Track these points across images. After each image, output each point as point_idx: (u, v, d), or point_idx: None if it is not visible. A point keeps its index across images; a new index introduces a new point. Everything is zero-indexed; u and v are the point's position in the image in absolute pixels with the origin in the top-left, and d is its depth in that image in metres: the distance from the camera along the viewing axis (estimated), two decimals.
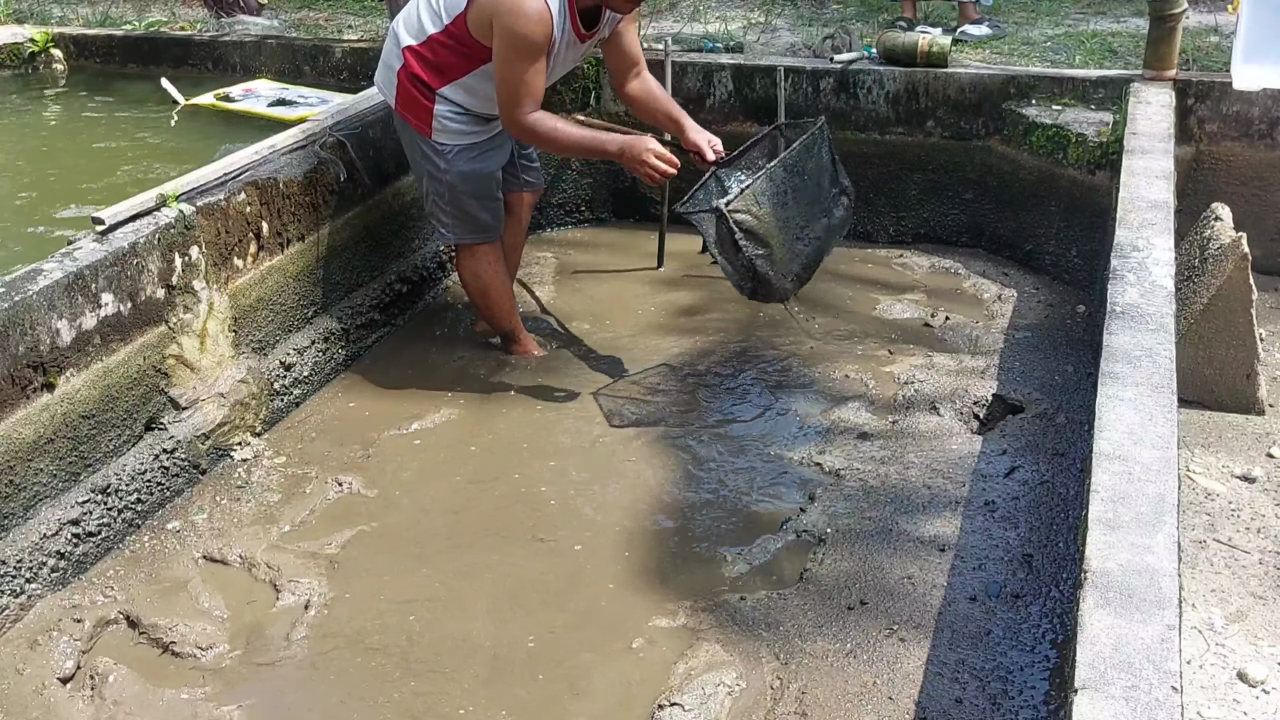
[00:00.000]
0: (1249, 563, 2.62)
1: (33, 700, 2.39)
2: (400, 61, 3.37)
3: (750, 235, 3.06)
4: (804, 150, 3.25)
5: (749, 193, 3.08)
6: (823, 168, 3.31)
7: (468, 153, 3.42)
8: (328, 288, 3.69)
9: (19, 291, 2.61)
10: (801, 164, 3.23)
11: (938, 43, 4.35)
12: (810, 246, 3.33)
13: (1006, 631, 2.51)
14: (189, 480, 3.10)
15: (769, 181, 3.14)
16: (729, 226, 3.05)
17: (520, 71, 3.13)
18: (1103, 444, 2.13)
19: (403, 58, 3.35)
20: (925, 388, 3.48)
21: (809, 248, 3.33)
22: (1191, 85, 4.05)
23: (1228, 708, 2.21)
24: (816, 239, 3.34)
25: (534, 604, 2.68)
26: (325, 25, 5.77)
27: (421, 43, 3.31)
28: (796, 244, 3.27)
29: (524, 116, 3.18)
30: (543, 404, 3.52)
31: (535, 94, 3.18)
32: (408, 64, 3.35)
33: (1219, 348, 3.22)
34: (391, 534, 2.94)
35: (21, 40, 5.53)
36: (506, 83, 3.16)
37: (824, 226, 3.34)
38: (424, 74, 3.33)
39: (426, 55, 3.31)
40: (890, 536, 2.84)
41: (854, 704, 2.33)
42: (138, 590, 2.74)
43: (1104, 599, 1.76)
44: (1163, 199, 3.17)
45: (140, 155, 4.20)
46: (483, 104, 3.36)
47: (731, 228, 3.04)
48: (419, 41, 3.32)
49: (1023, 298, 4.10)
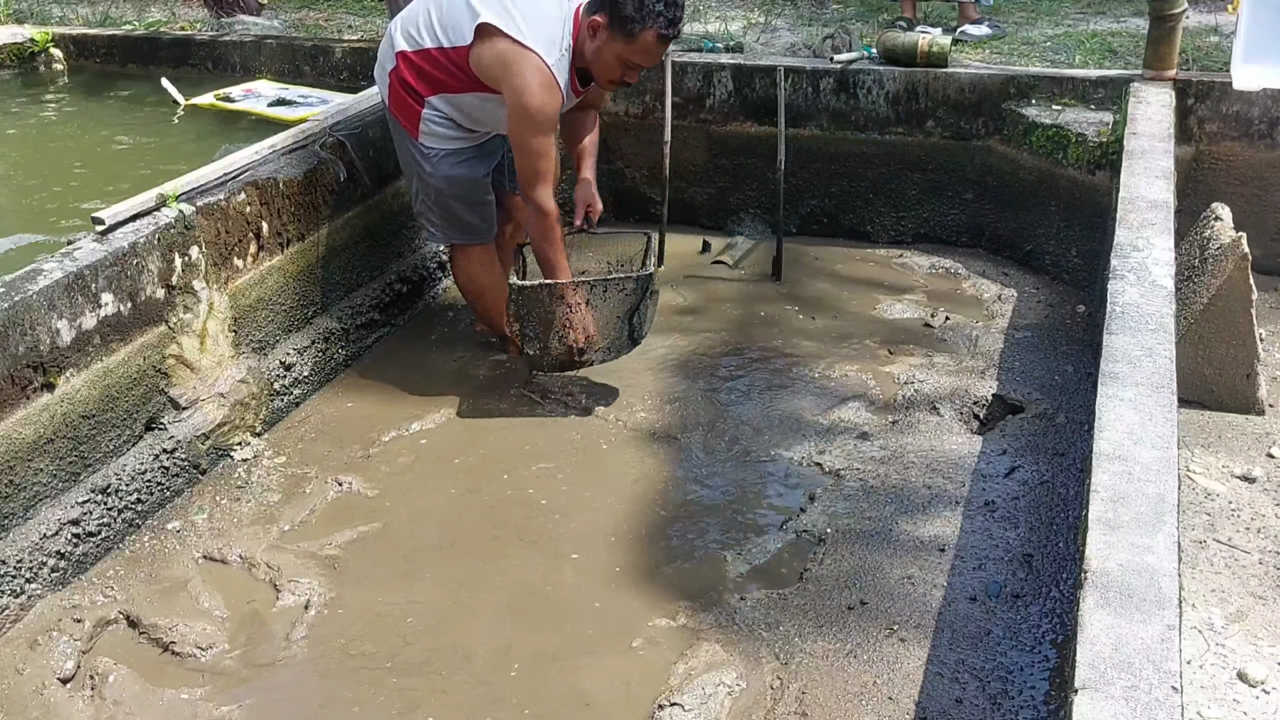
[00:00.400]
0: (1249, 563, 2.62)
1: (33, 700, 2.39)
2: (393, 64, 3.38)
3: (533, 314, 3.32)
4: (621, 285, 3.37)
5: (551, 289, 3.31)
6: (628, 308, 3.42)
7: (454, 157, 3.43)
8: (328, 288, 3.69)
9: (19, 291, 2.61)
10: (614, 292, 3.37)
11: (938, 43, 4.35)
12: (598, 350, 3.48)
13: (1006, 631, 2.51)
14: (189, 480, 3.10)
15: (572, 290, 3.32)
16: (517, 299, 3.31)
17: (540, 145, 3.21)
18: (1103, 444, 2.13)
19: (395, 61, 3.36)
20: (925, 388, 3.48)
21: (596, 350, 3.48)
22: (1191, 85, 4.05)
23: (1228, 708, 2.21)
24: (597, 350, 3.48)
25: (533, 604, 2.68)
26: (325, 25, 5.77)
27: (416, 51, 3.32)
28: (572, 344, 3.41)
29: (541, 198, 3.27)
30: (542, 403, 3.52)
31: (551, 166, 3.29)
32: (399, 68, 3.36)
33: (1219, 348, 3.22)
34: (391, 534, 2.94)
35: (21, 40, 5.54)
36: (525, 152, 3.23)
37: (601, 346, 3.47)
38: (414, 81, 3.34)
39: (420, 65, 3.32)
40: (890, 536, 2.84)
41: (854, 704, 2.33)
42: (138, 590, 2.74)
43: (1104, 599, 1.76)
44: (1163, 199, 3.17)
45: (140, 155, 4.21)
46: (469, 120, 3.39)
47: (518, 303, 3.31)
48: (414, 50, 3.32)
49: (1023, 298, 4.10)
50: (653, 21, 3.06)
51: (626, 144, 4.83)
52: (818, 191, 4.65)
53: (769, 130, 4.45)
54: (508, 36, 3.12)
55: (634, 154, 4.83)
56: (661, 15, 3.06)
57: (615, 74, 3.21)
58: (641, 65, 3.23)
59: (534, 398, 3.55)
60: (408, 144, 3.46)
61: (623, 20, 3.07)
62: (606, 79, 3.25)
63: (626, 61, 3.17)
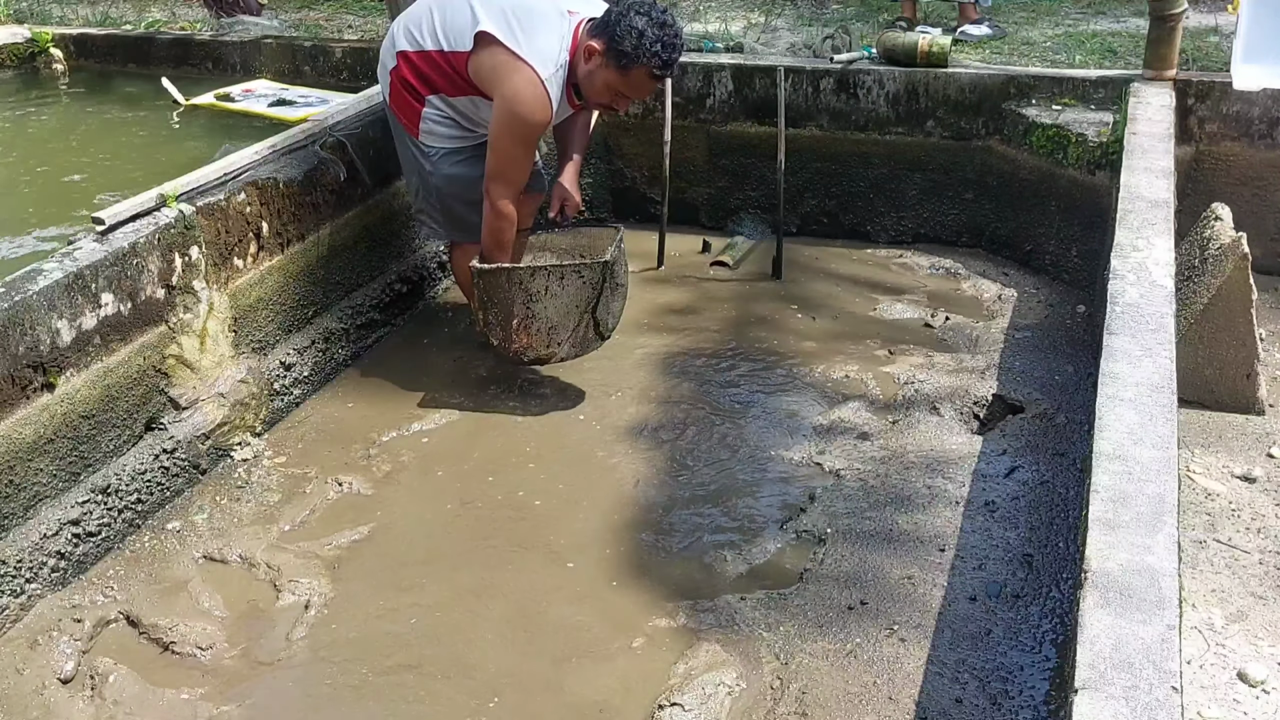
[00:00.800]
0: (1249, 563, 2.62)
1: (33, 700, 2.39)
2: (394, 63, 3.40)
3: (491, 301, 3.33)
4: (576, 273, 3.35)
5: (509, 274, 3.32)
6: (586, 299, 3.39)
7: (453, 156, 3.45)
8: (328, 288, 3.69)
9: (19, 291, 2.61)
10: (566, 281, 3.35)
11: (938, 43, 4.35)
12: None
13: (1006, 631, 2.51)
14: (189, 480, 3.10)
15: (528, 274, 3.32)
16: (480, 284, 3.31)
17: (516, 153, 3.26)
18: (1103, 444, 2.13)
19: (396, 60, 3.39)
20: (925, 388, 3.48)
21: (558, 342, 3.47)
22: (1191, 85, 4.05)
23: (1228, 708, 2.21)
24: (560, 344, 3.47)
25: (534, 603, 2.68)
26: (325, 25, 5.78)
27: (417, 52, 3.34)
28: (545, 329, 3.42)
29: (501, 198, 3.30)
30: (543, 404, 3.52)
31: (522, 178, 3.34)
32: (399, 67, 3.38)
33: (1219, 348, 3.22)
34: (392, 534, 2.94)
35: (21, 40, 5.54)
36: (498, 154, 3.28)
37: (564, 337, 3.45)
38: (414, 81, 3.37)
39: (420, 66, 3.34)
40: (890, 536, 2.84)
41: (854, 704, 2.33)
42: (138, 590, 2.74)
43: (1104, 599, 1.76)
44: (1163, 199, 3.17)
45: (140, 155, 4.20)
46: (467, 120, 3.42)
47: (480, 287, 3.31)
48: (415, 50, 3.34)
49: (1023, 298, 4.10)
50: (647, 60, 3.10)
51: (627, 144, 4.84)
52: (818, 191, 4.65)
53: (769, 130, 4.45)
54: (505, 47, 3.15)
55: (634, 154, 4.84)
56: (657, 56, 3.09)
57: (604, 99, 3.26)
58: (631, 97, 3.29)
59: (534, 398, 3.55)
60: (408, 142, 3.48)
61: (619, 54, 3.11)
62: (594, 102, 3.30)
63: (617, 91, 3.21)
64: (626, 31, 3.08)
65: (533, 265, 3.42)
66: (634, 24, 3.07)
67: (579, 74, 3.21)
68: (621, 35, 3.09)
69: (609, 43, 3.12)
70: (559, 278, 3.33)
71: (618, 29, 3.09)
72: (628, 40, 3.08)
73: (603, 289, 3.37)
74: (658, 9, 3.12)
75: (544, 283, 3.32)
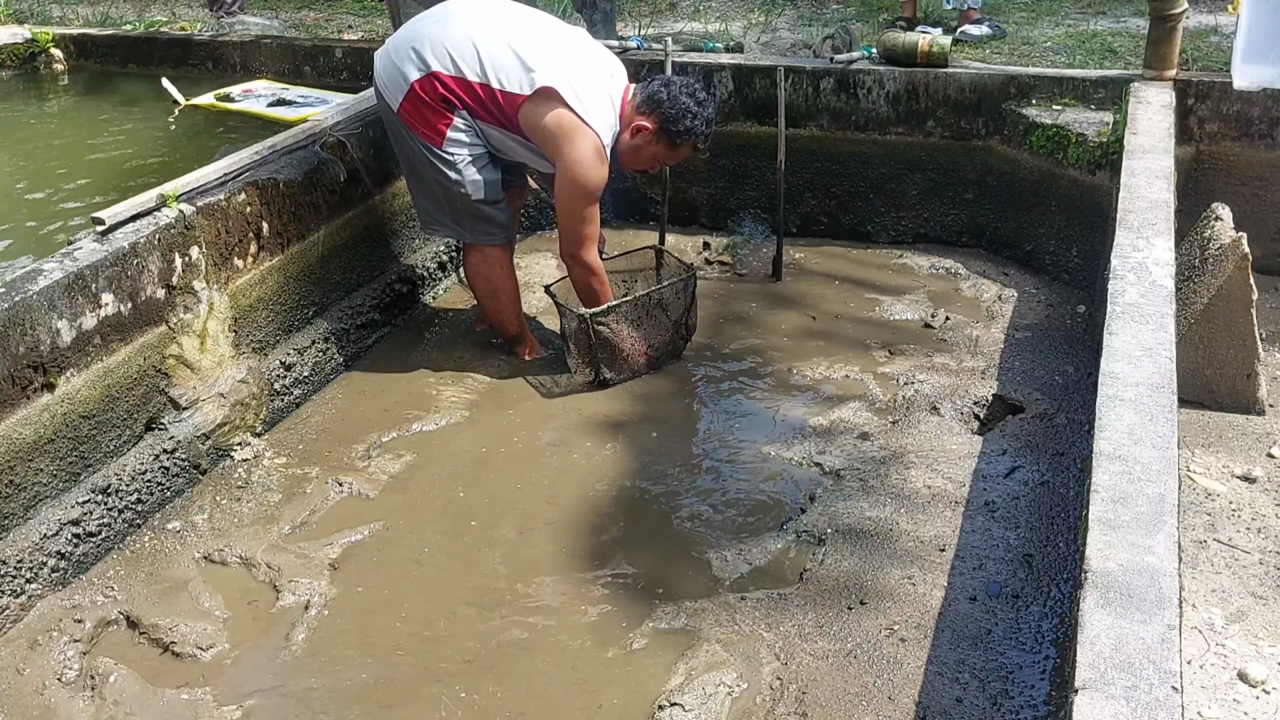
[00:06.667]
0: (1249, 563, 2.62)
1: (33, 700, 2.39)
2: (419, 75, 3.33)
3: (602, 342, 3.52)
4: (673, 290, 3.68)
5: (617, 310, 3.53)
6: (681, 309, 3.71)
7: (477, 162, 3.45)
8: (328, 288, 3.69)
9: (19, 291, 2.61)
10: (665, 300, 3.67)
11: (938, 43, 4.35)
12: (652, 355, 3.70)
13: (1006, 631, 2.51)
14: (189, 480, 3.11)
15: (634, 306, 3.59)
16: (589, 330, 3.49)
17: (588, 213, 3.43)
18: (1103, 444, 2.13)
19: (422, 75, 3.33)
20: (925, 388, 3.49)
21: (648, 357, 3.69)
22: (1191, 85, 4.05)
23: (1228, 708, 2.21)
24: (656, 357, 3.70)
25: (534, 603, 2.68)
26: (325, 25, 5.78)
27: (455, 78, 3.32)
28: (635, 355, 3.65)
29: (588, 256, 3.50)
30: (544, 405, 3.52)
31: (596, 230, 3.52)
32: (426, 83, 3.33)
33: (1219, 348, 3.22)
34: (392, 534, 2.94)
35: (21, 40, 5.54)
36: (572, 220, 3.42)
37: (663, 350, 3.71)
38: (446, 96, 3.34)
39: (456, 89, 3.34)
40: (890, 536, 2.84)
41: (854, 704, 2.33)
42: (138, 590, 2.74)
43: (1104, 599, 1.76)
44: (1163, 199, 3.17)
45: (140, 155, 4.21)
46: (489, 143, 3.47)
47: (591, 332, 3.49)
48: (452, 75, 3.32)
49: (1023, 298, 4.10)
50: (695, 137, 3.45)
51: None
52: (818, 191, 4.65)
53: (769, 130, 4.45)
54: (570, 109, 3.27)
55: None
56: (703, 132, 3.46)
57: (645, 166, 3.58)
58: (669, 164, 3.68)
59: (536, 398, 3.55)
60: (424, 152, 3.42)
61: (672, 134, 3.42)
62: (633, 168, 3.61)
63: (662, 161, 3.56)
64: (681, 114, 3.38)
65: (636, 295, 3.62)
66: (685, 105, 3.39)
67: (621, 143, 3.45)
68: (675, 117, 3.39)
69: (661, 124, 3.40)
70: (657, 302, 3.62)
71: (670, 110, 3.39)
72: (682, 122, 3.39)
73: (692, 298, 3.68)
74: (698, 86, 3.47)
75: (646, 310, 3.60)
